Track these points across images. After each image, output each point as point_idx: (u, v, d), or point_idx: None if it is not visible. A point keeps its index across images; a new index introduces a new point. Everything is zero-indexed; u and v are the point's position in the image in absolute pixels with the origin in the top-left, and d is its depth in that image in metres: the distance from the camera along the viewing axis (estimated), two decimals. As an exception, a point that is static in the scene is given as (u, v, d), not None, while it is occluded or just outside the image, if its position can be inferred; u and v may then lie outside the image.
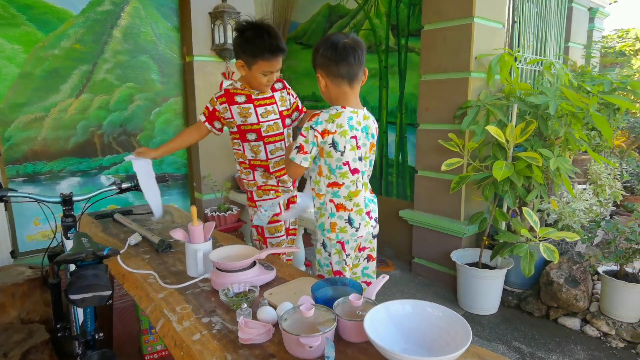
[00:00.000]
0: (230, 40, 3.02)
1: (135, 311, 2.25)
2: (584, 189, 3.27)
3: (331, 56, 1.48)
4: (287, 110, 2.01)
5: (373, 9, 3.69)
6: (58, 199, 1.58)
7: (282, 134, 1.97)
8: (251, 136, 1.91)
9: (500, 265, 2.87)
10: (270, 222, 1.97)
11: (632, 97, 3.33)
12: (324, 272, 1.60)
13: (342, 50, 1.47)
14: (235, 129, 1.91)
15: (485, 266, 2.88)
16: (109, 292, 1.06)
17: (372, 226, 1.61)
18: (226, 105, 1.88)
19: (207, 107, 1.92)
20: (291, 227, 2.16)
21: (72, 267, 1.15)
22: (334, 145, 1.48)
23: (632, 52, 9.95)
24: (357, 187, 1.54)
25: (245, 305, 1.16)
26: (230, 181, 3.22)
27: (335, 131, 1.47)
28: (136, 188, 1.92)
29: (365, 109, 1.59)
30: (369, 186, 1.65)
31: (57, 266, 1.47)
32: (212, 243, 1.51)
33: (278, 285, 1.37)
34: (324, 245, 1.59)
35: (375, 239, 1.68)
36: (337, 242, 1.55)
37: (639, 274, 2.59)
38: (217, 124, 1.94)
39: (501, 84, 3.05)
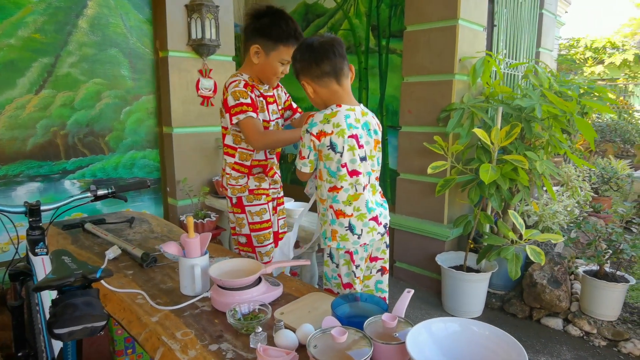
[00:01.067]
0: (208, 36, 2.83)
1: (109, 329, 2.03)
2: (556, 191, 3.35)
3: (310, 57, 1.42)
4: (283, 109, 1.93)
5: (352, 9, 3.62)
6: (22, 209, 1.37)
7: None
8: None
9: (485, 268, 2.87)
10: (257, 230, 1.83)
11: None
12: (332, 286, 1.49)
13: (320, 48, 1.41)
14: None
15: (469, 269, 2.87)
16: (104, 322, 0.89)
17: (379, 233, 1.49)
18: (254, 95, 1.70)
19: (240, 104, 1.63)
20: (280, 231, 2.03)
21: (51, 293, 0.98)
22: (332, 147, 1.39)
23: (582, 60, 10.53)
24: (356, 190, 1.43)
25: (261, 329, 1.03)
26: (208, 186, 3.03)
27: (332, 132, 1.38)
28: (113, 195, 1.72)
29: (362, 105, 1.50)
30: (379, 189, 1.55)
31: (37, 292, 1.26)
32: (208, 256, 1.36)
33: (288, 304, 1.24)
34: (330, 255, 1.48)
35: (389, 249, 1.59)
36: (346, 252, 1.44)
37: (616, 273, 2.66)
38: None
39: (482, 87, 3.06)
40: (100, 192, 1.67)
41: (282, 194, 2.00)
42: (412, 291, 1.15)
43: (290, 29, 1.65)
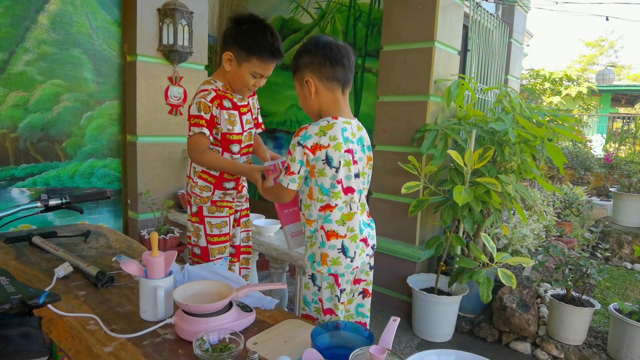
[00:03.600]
0: (180, 42, 2.71)
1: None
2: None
3: (326, 55, 1.32)
4: (255, 118, 1.84)
5: (329, 26, 3.60)
6: (-41, 219, 1.20)
7: (252, 145, 1.80)
8: (235, 148, 1.69)
9: (456, 291, 2.85)
10: (214, 243, 1.75)
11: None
12: (310, 311, 1.38)
13: (338, 50, 1.33)
14: (219, 137, 1.66)
15: (440, 292, 2.83)
16: (45, 358, 0.75)
17: (368, 255, 1.41)
18: (219, 109, 1.63)
19: (199, 116, 1.58)
20: (243, 244, 1.91)
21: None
22: (327, 161, 1.29)
23: (541, 91, 11.08)
24: (351, 209, 1.34)
25: (233, 364, 0.91)
26: (172, 199, 2.86)
27: (329, 145, 1.28)
28: (67, 206, 1.56)
29: (356, 119, 1.43)
30: (367, 207, 1.47)
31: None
32: (173, 278, 1.22)
33: (261, 332, 1.12)
34: (312, 278, 1.36)
35: (372, 270, 1.50)
36: (330, 274, 1.33)
37: (582, 297, 2.69)
38: (214, 133, 1.66)
39: (455, 110, 3.09)
40: (53, 202, 1.51)
41: (246, 205, 1.91)
42: (398, 319, 1.06)
43: (267, 42, 1.54)
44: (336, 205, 1.32)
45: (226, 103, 1.65)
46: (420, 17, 2.88)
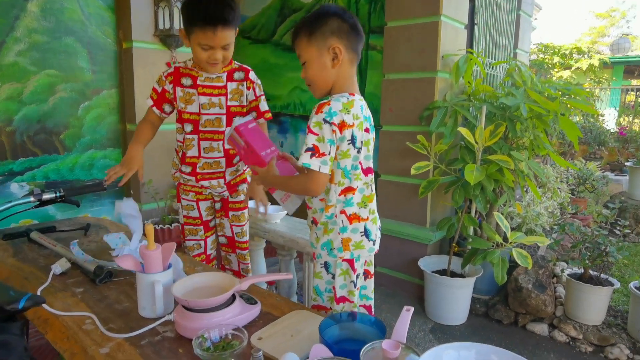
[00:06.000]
0: (177, 26, 2.61)
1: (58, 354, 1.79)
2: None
3: (355, 24, 1.23)
4: (239, 106, 1.69)
5: (331, 3, 3.47)
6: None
7: (221, 132, 1.68)
8: (188, 127, 1.66)
9: (469, 273, 2.77)
10: (186, 223, 1.83)
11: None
12: (323, 301, 1.31)
13: (358, 23, 1.26)
14: (176, 114, 1.68)
15: (453, 274, 2.76)
16: (29, 366, 0.69)
17: (378, 237, 1.37)
18: (173, 85, 1.62)
19: (154, 89, 1.66)
20: (237, 239, 1.86)
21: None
22: (352, 141, 1.21)
23: (550, 65, 10.80)
24: (371, 190, 1.29)
25: (235, 363, 0.85)
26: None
27: (353, 124, 1.20)
28: (62, 199, 1.50)
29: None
30: None
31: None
32: (172, 271, 1.16)
33: (266, 326, 1.06)
34: (325, 266, 1.29)
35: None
36: (344, 259, 1.26)
37: (601, 276, 2.60)
38: (168, 107, 1.68)
39: (464, 86, 2.97)
40: (47, 196, 1.45)
41: (239, 198, 1.83)
42: (412, 309, 0.99)
43: (202, 7, 1.43)
44: (357, 187, 1.26)
45: (184, 80, 1.62)
46: (425, -10, 2.74)
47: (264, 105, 1.74)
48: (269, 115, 1.76)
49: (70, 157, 2.54)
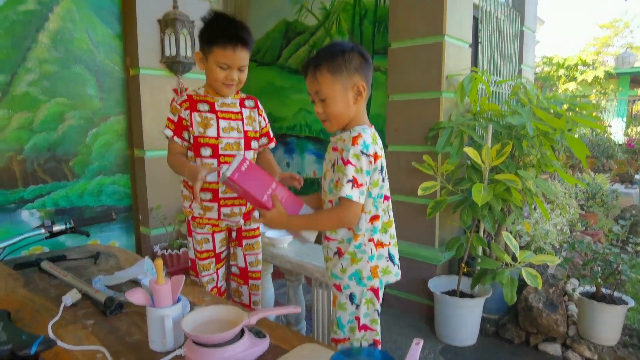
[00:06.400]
0: (183, 52, 2.66)
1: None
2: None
3: (370, 62, 1.27)
4: (254, 132, 1.75)
5: (335, 26, 3.52)
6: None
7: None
8: (206, 151, 1.65)
9: (478, 293, 2.74)
10: (199, 258, 1.77)
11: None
12: (344, 334, 1.31)
13: (370, 58, 1.31)
14: (191, 141, 1.66)
15: (462, 294, 2.73)
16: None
17: None
18: (189, 111, 1.62)
19: (169, 119, 1.64)
20: (250, 269, 1.85)
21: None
22: (381, 170, 1.26)
23: (556, 78, 10.81)
24: (389, 216, 1.32)
25: (246, 403, 0.84)
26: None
27: (382, 155, 1.26)
28: (72, 230, 1.51)
29: None
30: None
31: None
32: (181, 305, 1.16)
33: (277, 360, 1.05)
34: (351, 297, 1.29)
35: None
36: (370, 289, 1.28)
37: (614, 294, 2.56)
38: (186, 135, 1.65)
39: (469, 105, 2.98)
40: (57, 228, 1.47)
41: (254, 226, 1.83)
42: (421, 342, 0.98)
43: (223, 28, 1.52)
44: (379, 215, 1.28)
45: (201, 106, 1.64)
46: (427, 12, 2.78)
47: (271, 132, 1.84)
48: (273, 139, 1.86)
49: (79, 183, 2.57)
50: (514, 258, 2.48)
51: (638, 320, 2.81)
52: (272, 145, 1.85)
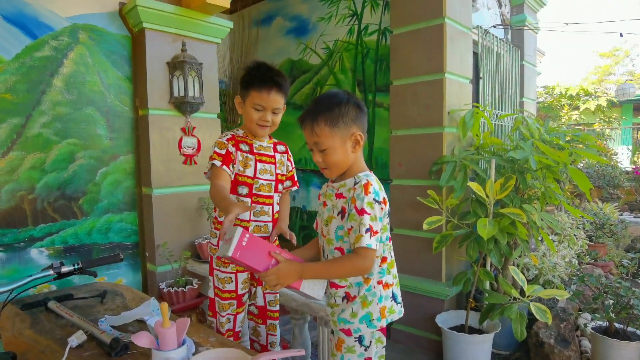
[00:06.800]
0: (191, 93, 2.75)
1: None
2: (552, 242, 3.25)
3: (363, 109, 1.33)
4: (283, 175, 1.85)
5: (338, 64, 3.63)
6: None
7: (271, 197, 1.78)
8: (243, 190, 1.72)
9: (487, 328, 2.69)
10: (219, 297, 1.77)
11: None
12: None
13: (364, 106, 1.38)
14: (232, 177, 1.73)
15: (471, 329, 2.68)
16: None
17: None
18: (235, 149, 1.71)
19: (216, 152, 1.69)
20: (270, 308, 1.85)
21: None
22: (389, 215, 1.31)
23: (559, 107, 10.91)
24: (392, 256, 1.35)
25: None
26: (189, 249, 2.83)
27: (387, 199, 1.30)
28: (80, 271, 1.53)
29: None
30: None
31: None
32: (187, 348, 1.16)
33: (281, 406, 1.04)
34: (359, 339, 1.30)
35: None
36: (379, 329, 1.31)
37: (627, 329, 2.50)
38: (232, 167, 1.71)
39: (472, 139, 3.02)
40: (65, 269, 1.49)
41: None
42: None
43: (260, 73, 1.66)
44: (387, 256, 1.33)
45: (243, 147, 1.73)
46: (428, 50, 2.86)
47: (295, 175, 1.94)
48: (298, 184, 1.96)
49: (88, 221, 2.60)
50: (522, 292, 2.45)
51: (654, 357, 2.72)
52: (295, 188, 1.94)
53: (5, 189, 2.32)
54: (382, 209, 1.26)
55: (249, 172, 1.73)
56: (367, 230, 1.21)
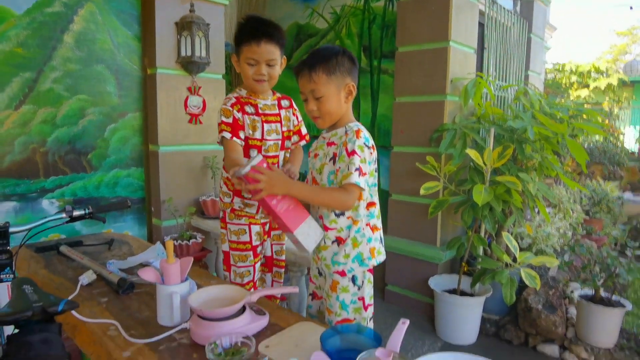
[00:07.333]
0: (198, 53, 2.79)
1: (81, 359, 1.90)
2: (549, 213, 3.32)
3: (356, 63, 1.40)
4: (289, 131, 1.82)
5: (344, 29, 3.62)
6: (-13, 231, 1.27)
7: (277, 157, 1.78)
8: (253, 153, 1.72)
9: (479, 292, 2.80)
10: (235, 249, 1.78)
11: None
12: (348, 313, 1.41)
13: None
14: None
15: (463, 293, 2.79)
16: (64, 362, 0.79)
17: None
18: (241, 113, 1.67)
19: (224, 122, 1.65)
20: (276, 257, 1.92)
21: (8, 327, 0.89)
22: (376, 161, 1.40)
23: (568, 84, 10.74)
24: (378, 205, 1.45)
25: (243, 367, 0.94)
26: (194, 206, 2.93)
27: (375, 147, 1.39)
28: (90, 216, 1.63)
29: None
30: None
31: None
32: (189, 283, 1.27)
33: (273, 335, 1.15)
34: (353, 279, 1.41)
35: None
36: (369, 270, 1.41)
37: (612, 297, 2.60)
38: (242, 134, 1.68)
39: (474, 108, 3.04)
40: (77, 213, 1.57)
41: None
42: (407, 322, 1.06)
43: (250, 25, 1.61)
44: (376, 201, 1.42)
45: (248, 109, 1.69)
46: (434, 18, 2.86)
47: (304, 129, 1.88)
48: (308, 137, 1.88)
49: (97, 175, 2.70)
50: (515, 259, 2.53)
51: (637, 325, 2.83)
52: (303, 142, 1.87)
53: (19, 141, 2.42)
54: (371, 153, 1.34)
55: (257, 134, 1.71)
56: (356, 169, 1.29)
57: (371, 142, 1.37)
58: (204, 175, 3.03)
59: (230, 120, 1.65)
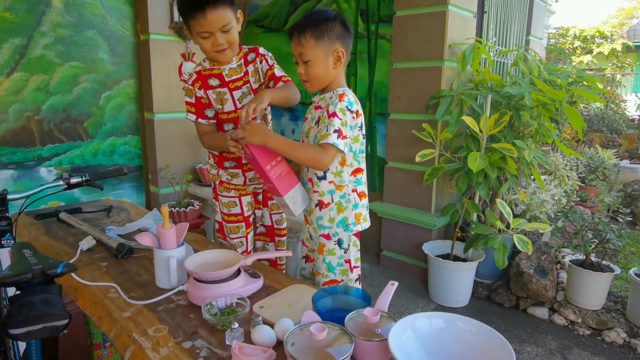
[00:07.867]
0: (189, 18, 2.73)
1: (86, 322, 1.97)
2: (544, 180, 3.34)
3: (351, 30, 1.38)
4: (262, 85, 1.67)
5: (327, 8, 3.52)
6: (-15, 198, 1.29)
7: (255, 118, 1.73)
8: (228, 126, 1.66)
9: (472, 257, 2.86)
10: (226, 221, 1.78)
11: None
12: (335, 275, 1.46)
13: (352, 28, 1.42)
14: (214, 117, 1.66)
15: (456, 258, 2.85)
16: (66, 321, 0.83)
17: None
18: (203, 90, 1.59)
19: (187, 102, 1.60)
20: (277, 227, 1.90)
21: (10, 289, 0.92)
22: (361, 127, 1.40)
23: (571, 50, 10.53)
24: (365, 170, 1.47)
25: (237, 325, 0.98)
26: (190, 173, 2.95)
27: (362, 114, 1.39)
28: (88, 183, 1.64)
29: None
30: None
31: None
32: (185, 248, 1.30)
33: (268, 297, 1.19)
34: (339, 242, 1.45)
35: None
36: (354, 234, 1.45)
37: (602, 262, 2.66)
38: (210, 112, 1.62)
39: (472, 74, 3.01)
40: (74, 180, 1.59)
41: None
42: (396, 283, 1.10)
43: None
44: (364, 169, 1.44)
45: (212, 81, 1.59)
46: (432, -21, 2.78)
47: (278, 71, 1.67)
48: (287, 77, 1.67)
49: (93, 143, 2.71)
50: (508, 226, 2.57)
51: (624, 288, 2.92)
52: (281, 83, 1.64)
53: (12, 109, 2.41)
54: (353, 118, 1.33)
55: (228, 106, 1.61)
56: (335, 131, 1.28)
57: (355, 107, 1.35)
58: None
59: (192, 100, 1.59)
